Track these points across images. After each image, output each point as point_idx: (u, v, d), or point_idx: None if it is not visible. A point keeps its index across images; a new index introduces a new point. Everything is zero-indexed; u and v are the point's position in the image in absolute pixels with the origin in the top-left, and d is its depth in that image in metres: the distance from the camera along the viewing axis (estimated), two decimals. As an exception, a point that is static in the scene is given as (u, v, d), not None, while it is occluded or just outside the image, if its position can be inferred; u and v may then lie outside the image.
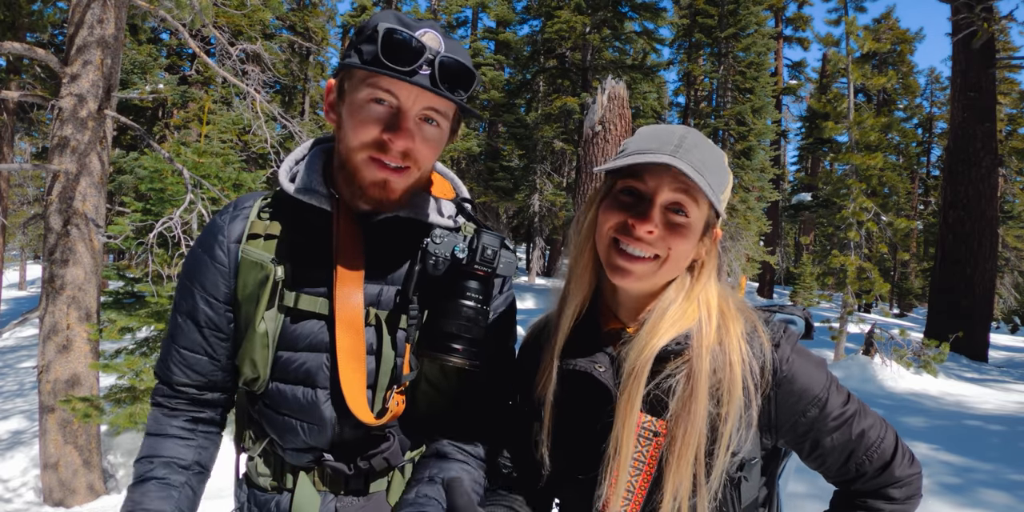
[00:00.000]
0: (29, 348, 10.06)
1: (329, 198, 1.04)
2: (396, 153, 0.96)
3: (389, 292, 1.07)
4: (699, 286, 0.99)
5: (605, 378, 0.97)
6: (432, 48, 0.94)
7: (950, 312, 10.55)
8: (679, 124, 1.08)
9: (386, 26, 0.92)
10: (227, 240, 1.06)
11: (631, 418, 0.93)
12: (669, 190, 0.92)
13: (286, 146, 11.35)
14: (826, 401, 0.95)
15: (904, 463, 0.98)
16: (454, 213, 1.13)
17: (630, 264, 0.94)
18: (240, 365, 1.07)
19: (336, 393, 1.02)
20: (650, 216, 0.92)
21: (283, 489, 1.10)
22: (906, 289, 23.17)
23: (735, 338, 0.95)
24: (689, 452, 0.91)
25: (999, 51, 12.49)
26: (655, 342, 0.94)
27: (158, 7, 5.16)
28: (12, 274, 22.70)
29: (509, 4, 19.73)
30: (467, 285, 1.03)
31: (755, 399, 0.93)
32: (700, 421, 0.91)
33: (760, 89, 17.35)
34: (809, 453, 0.99)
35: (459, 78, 0.96)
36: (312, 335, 1.04)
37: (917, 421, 5.39)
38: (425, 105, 0.96)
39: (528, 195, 16.72)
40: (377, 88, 0.95)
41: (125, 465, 5.06)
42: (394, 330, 1.06)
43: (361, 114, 0.96)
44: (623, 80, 7.29)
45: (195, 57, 11.11)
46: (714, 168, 0.94)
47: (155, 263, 4.48)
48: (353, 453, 1.08)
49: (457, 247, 1.03)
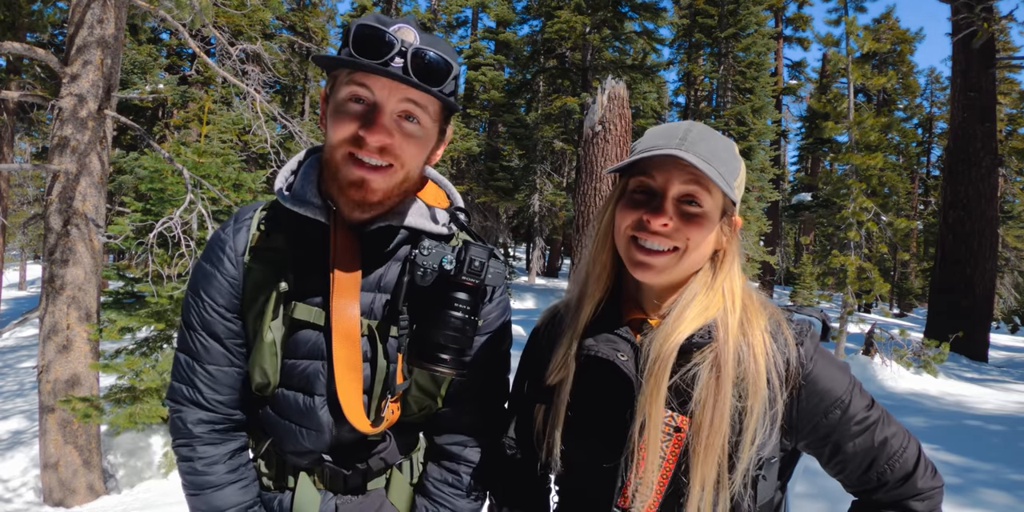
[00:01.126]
0: (29, 348, 10.06)
1: (324, 210, 1.04)
2: (373, 148, 0.95)
3: (380, 301, 1.07)
4: (723, 274, 0.99)
5: (628, 367, 0.96)
6: (406, 41, 0.93)
7: (950, 312, 10.55)
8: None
9: (359, 23, 0.93)
10: (235, 253, 1.07)
11: (657, 407, 0.92)
12: (679, 182, 0.93)
13: (286, 146, 11.35)
14: (849, 404, 0.94)
15: (927, 475, 0.96)
16: (447, 221, 1.13)
17: (650, 258, 0.94)
18: (252, 373, 1.08)
19: (333, 401, 1.04)
20: (663, 209, 0.93)
21: (284, 488, 1.12)
22: (906, 289, 23.17)
23: (759, 331, 0.94)
24: (716, 443, 0.90)
25: (999, 51, 12.49)
26: (681, 330, 0.93)
27: (158, 7, 5.16)
28: (12, 274, 22.70)
29: (509, 4, 19.73)
30: (455, 296, 1.03)
31: (780, 393, 0.92)
32: (726, 411, 0.90)
33: (760, 89, 17.37)
34: (830, 458, 0.97)
35: (436, 70, 0.94)
36: (310, 343, 1.05)
37: (917, 421, 5.39)
38: (401, 98, 0.95)
39: (528, 195, 16.72)
40: (353, 84, 0.95)
41: (125, 465, 5.06)
42: (385, 339, 1.06)
43: (340, 113, 0.97)
44: (623, 80, 7.29)
45: (195, 57, 11.11)
46: (723, 157, 0.94)
47: (155, 263, 4.48)
48: (351, 455, 1.10)
49: (445, 258, 1.03)
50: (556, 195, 16.42)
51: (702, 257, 0.97)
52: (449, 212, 1.14)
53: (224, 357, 1.08)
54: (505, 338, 1.19)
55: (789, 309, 1.07)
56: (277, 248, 1.06)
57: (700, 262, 0.98)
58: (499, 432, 1.15)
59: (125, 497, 4.58)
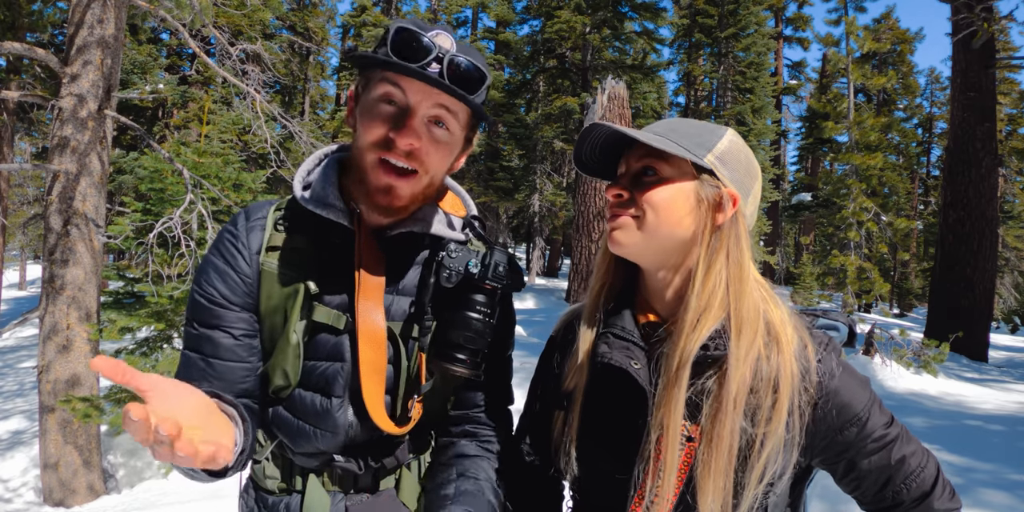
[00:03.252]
0: (29, 348, 10.06)
1: (347, 213, 1.03)
2: (401, 151, 0.95)
3: (400, 303, 1.08)
4: (719, 258, 0.91)
5: (641, 376, 0.94)
6: (443, 47, 0.94)
7: (950, 312, 10.54)
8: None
9: (398, 26, 0.93)
10: (248, 251, 1.05)
11: (674, 419, 0.89)
12: (635, 160, 0.95)
13: (286, 146, 11.36)
14: (867, 421, 0.92)
15: (944, 496, 0.94)
16: (463, 229, 1.14)
17: (613, 224, 0.95)
18: (271, 374, 1.06)
19: (357, 403, 1.04)
20: (620, 183, 0.95)
21: (292, 491, 1.10)
22: (906, 289, 23.16)
23: (788, 357, 0.89)
24: (722, 458, 0.87)
25: (999, 51, 12.49)
26: (695, 336, 0.89)
27: (158, 7, 5.16)
28: (12, 274, 22.71)
29: (509, 4, 19.73)
30: (476, 299, 1.05)
31: (797, 421, 0.89)
32: (730, 427, 0.87)
33: (760, 89, 17.39)
34: (844, 475, 0.95)
35: (470, 78, 0.95)
36: (330, 344, 1.04)
37: (917, 421, 5.39)
38: (434, 103, 0.95)
39: (528, 195, 16.71)
40: (387, 83, 0.95)
41: (125, 465, 5.06)
42: (407, 340, 1.07)
43: (371, 113, 0.97)
44: (623, 80, 7.29)
45: (195, 57, 11.12)
46: (686, 131, 0.94)
47: (155, 263, 4.48)
48: (363, 455, 1.09)
49: (471, 262, 1.05)
50: (556, 195, 16.42)
51: (670, 221, 0.92)
52: (465, 220, 1.15)
53: (233, 353, 1.06)
54: (509, 341, 1.21)
55: (813, 314, 1.03)
56: (299, 249, 1.05)
57: (670, 227, 0.92)
58: (508, 422, 1.17)
59: (125, 497, 4.58)
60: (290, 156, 11.73)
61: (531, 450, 1.10)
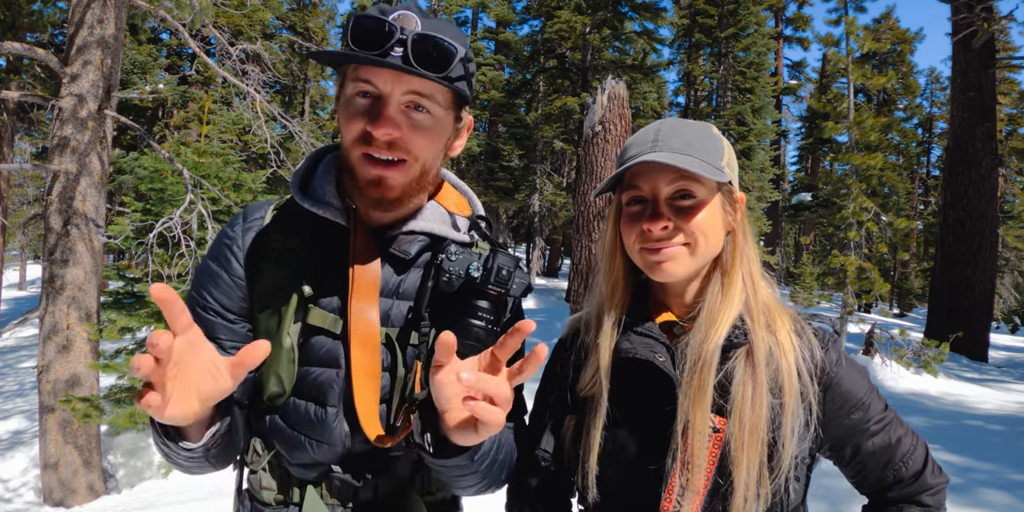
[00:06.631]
0: (29, 348, 10.06)
1: (343, 211, 1.01)
2: (382, 143, 0.92)
3: (400, 307, 1.03)
4: (740, 257, 0.99)
5: (667, 367, 0.97)
6: (406, 29, 0.89)
7: (950, 312, 10.54)
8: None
9: (356, 14, 0.90)
10: (243, 252, 1.03)
11: (703, 409, 0.93)
12: (665, 184, 0.95)
13: (286, 146, 11.36)
14: (869, 405, 0.99)
15: (935, 472, 1.02)
16: (468, 229, 1.10)
17: (662, 256, 0.96)
18: (265, 380, 1.02)
19: (349, 411, 0.99)
20: (660, 214, 0.94)
21: (289, 503, 1.06)
22: (906, 289, 23.16)
23: (785, 331, 0.97)
24: (756, 442, 0.91)
25: (999, 51, 12.49)
26: (720, 328, 0.94)
27: (158, 7, 5.16)
28: (12, 274, 22.70)
29: (509, 4, 19.72)
30: (478, 305, 0.98)
31: (810, 387, 0.95)
32: (764, 409, 0.92)
33: (760, 89, 17.39)
34: (850, 459, 1.01)
35: (439, 56, 0.89)
36: (324, 349, 1.01)
37: (917, 421, 5.39)
38: (405, 89, 0.91)
39: (528, 195, 16.71)
40: (357, 80, 0.92)
41: (125, 465, 5.06)
42: (404, 347, 1.03)
43: (348, 109, 0.94)
44: (623, 80, 7.29)
45: (195, 57, 11.12)
46: (698, 143, 0.95)
47: (155, 263, 4.49)
48: (363, 466, 1.04)
49: (472, 265, 0.99)
50: (556, 195, 16.41)
51: (716, 241, 0.98)
52: (471, 220, 1.11)
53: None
54: (523, 347, 1.17)
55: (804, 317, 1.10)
56: (296, 250, 1.02)
57: (716, 246, 0.98)
58: (533, 436, 1.11)
59: (125, 497, 4.58)
60: (290, 156, 11.73)
61: (549, 456, 1.09)
